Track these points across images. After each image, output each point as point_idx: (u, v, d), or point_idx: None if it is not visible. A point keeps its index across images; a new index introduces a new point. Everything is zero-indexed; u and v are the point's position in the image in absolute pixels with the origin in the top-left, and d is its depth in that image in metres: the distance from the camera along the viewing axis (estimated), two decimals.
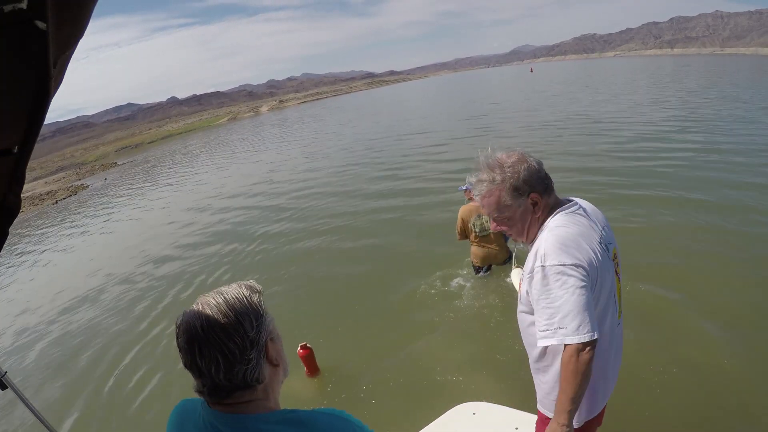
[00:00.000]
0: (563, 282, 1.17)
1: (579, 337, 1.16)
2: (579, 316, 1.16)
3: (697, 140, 8.41)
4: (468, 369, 3.17)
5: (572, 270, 1.18)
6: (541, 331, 1.23)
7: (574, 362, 1.18)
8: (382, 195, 8.28)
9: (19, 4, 0.37)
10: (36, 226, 14.18)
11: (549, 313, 1.20)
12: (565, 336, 1.17)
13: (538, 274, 1.22)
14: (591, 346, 1.17)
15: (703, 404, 2.52)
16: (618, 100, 16.52)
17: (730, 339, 2.98)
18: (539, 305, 1.23)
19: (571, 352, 1.18)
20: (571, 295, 1.16)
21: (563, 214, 1.30)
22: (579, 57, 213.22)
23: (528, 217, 1.32)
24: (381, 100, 46.64)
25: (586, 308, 1.16)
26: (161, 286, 6.08)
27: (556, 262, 1.19)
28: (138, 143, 52.76)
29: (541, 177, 1.31)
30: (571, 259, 1.19)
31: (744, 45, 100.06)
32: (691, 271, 3.87)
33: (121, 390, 3.92)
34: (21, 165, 0.68)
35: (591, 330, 1.16)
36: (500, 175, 1.30)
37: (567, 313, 1.17)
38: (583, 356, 1.17)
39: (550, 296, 1.19)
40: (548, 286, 1.19)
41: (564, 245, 1.21)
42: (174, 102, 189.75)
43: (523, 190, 1.29)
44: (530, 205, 1.31)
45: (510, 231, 1.38)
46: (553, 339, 1.20)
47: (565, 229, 1.26)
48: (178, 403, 0.90)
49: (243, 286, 0.82)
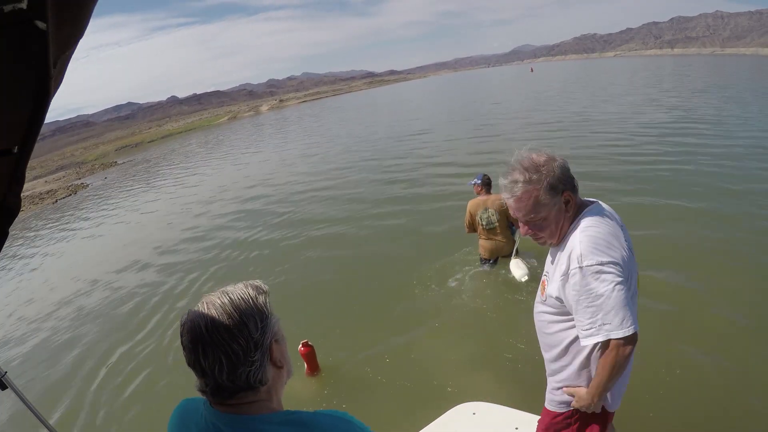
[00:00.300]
0: (602, 280, 1.21)
1: (623, 331, 1.20)
2: (621, 311, 1.20)
3: (699, 143, 8.32)
4: (468, 369, 3.17)
5: (610, 267, 1.21)
6: (584, 330, 1.27)
7: (614, 355, 1.24)
8: (381, 195, 8.28)
9: (19, 4, 0.36)
10: (35, 226, 14.17)
11: (592, 312, 1.24)
12: (609, 332, 1.22)
13: (576, 276, 1.25)
14: (633, 340, 1.22)
15: (706, 405, 2.52)
16: (619, 101, 16.51)
17: (733, 340, 2.98)
18: (580, 305, 1.26)
19: (615, 346, 1.23)
20: (611, 292, 1.20)
21: (592, 214, 1.33)
22: (579, 57, 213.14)
23: (561, 216, 1.34)
24: (381, 100, 46.61)
25: (627, 303, 1.21)
26: (161, 285, 6.08)
27: (594, 262, 1.22)
28: (138, 142, 52.74)
29: (571, 176, 1.35)
30: (607, 257, 1.22)
31: (744, 45, 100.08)
32: (696, 272, 3.85)
33: (122, 390, 3.91)
34: (21, 165, 0.67)
35: (633, 323, 1.21)
36: (536, 174, 1.30)
37: (610, 310, 1.21)
38: (626, 350, 1.23)
39: (591, 295, 1.23)
40: (588, 285, 1.23)
41: (598, 244, 1.25)
42: (174, 101, 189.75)
43: (558, 188, 1.31)
44: (563, 203, 1.33)
45: (542, 233, 1.37)
46: (598, 336, 1.24)
47: (597, 228, 1.28)
48: (180, 403, 0.89)
49: (249, 287, 0.81)
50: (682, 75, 27.51)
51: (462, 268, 4.59)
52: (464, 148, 11.21)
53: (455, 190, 7.39)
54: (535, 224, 1.36)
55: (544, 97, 22.24)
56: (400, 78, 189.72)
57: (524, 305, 3.84)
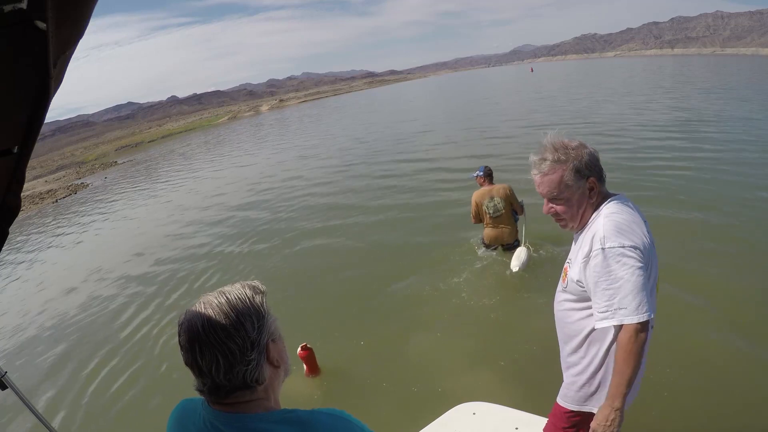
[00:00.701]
0: (623, 263, 1.22)
1: (639, 316, 1.20)
2: (639, 295, 1.20)
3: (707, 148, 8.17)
4: (468, 369, 3.17)
5: (631, 251, 1.23)
6: (600, 312, 1.27)
7: (631, 342, 1.22)
8: (379, 198, 8.27)
9: (19, 4, 0.37)
10: (35, 225, 14.17)
11: (609, 294, 1.24)
12: (624, 316, 1.22)
13: (598, 257, 1.26)
14: (648, 326, 1.22)
15: (710, 405, 2.52)
16: (619, 101, 16.51)
17: (740, 342, 2.96)
18: (599, 287, 1.27)
19: (630, 332, 1.22)
20: (631, 275, 1.21)
21: (616, 202, 1.35)
22: (579, 57, 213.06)
23: (584, 201, 1.37)
24: (381, 100, 46.60)
25: (644, 288, 1.21)
26: (161, 284, 6.08)
27: (616, 244, 1.24)
28: (138, 142, 52.73)
29: (599, 165, 1.37)
30: (629, 241, 1.24)
31: (744, 45, 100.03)
32: (702, 274, 3.83)
33: (122, 390, 3.92)
34: (21, 165, 0.67)
35: (649, 309, 1.21)
36: (565, 155, 1.34)
37: (627, 293, 1.21)
38: (641, 336, 1.22)
39: (610, 277, 1.24)
40: (609, 267, 1.24)
41: (622, 229, 1.27)
42: (174, 101, 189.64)
43: (584, 173, 1.34)
44: (587, 189, 1.35)
45: (564, 214, 1.40)
46: (613, 320, 1.24)
47: (621, 215, 1.31)
48: (179, 403, 0.90)
49: (246, 287, 0.82)
50: (682, 75, 27.50)
51: (461, 268, 4.59)
52: (464, 150, 11.21)
53: (454, 191, 7.39)
54: (558, 202, 1.39)
55: (544, 97, 22.23)
56: (401, 78, 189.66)
57: (524, 305, 3.85)
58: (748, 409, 2.44)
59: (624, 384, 1.26)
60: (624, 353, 1.24)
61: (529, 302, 3.85)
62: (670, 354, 2.86)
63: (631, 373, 1.25)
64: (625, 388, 1.27)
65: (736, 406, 2.48)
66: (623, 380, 1.26)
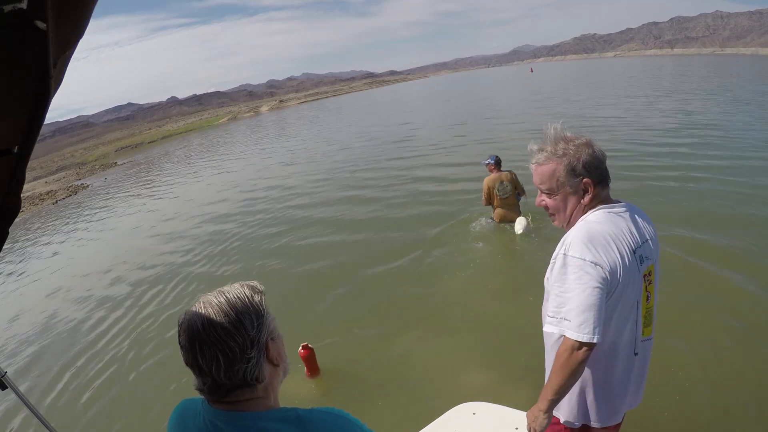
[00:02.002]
0: (579, 277, 1.18)
1: (578, 334, 1.16)
2: (584, 314, 1.16)
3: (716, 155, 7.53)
4: (468, 369, 3.17)
5: (591, 268, 1.18)
6: (549, 316, 1.25)
7: (566, 357, 1.19)
8: (379, 199, 8.27)
9: (19, 4, 0.36)
10: (35, 226, 14.16)
11: (559, 302, 1.22)
12: (566, 329, 1.19)
13: (560, 261, 1.23)
14: (588, 348, 1.17)
15: (715, 407, 2.51)
16: (620, 103, 16.51)
17: (748, 344, 2.95)
18: (553, 291, 1.24)
19: (567, 346, 1.19)
20: (582, 292, 1.17)
21: (605, 210, 1.29)
22: (579, 57, 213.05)
23: (575, 201, 1.31)
24: (380, 101, 46.59)
25: (593, 309, 1.16)
26: (160, 285, 6.08)
27: (578, 255, 1.19)
28: (138, 143, 52.68)
29: (600, 167, 1.29)
30: (592, 256, 1.18)
31: (744, 45, 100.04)
32: (710, 275, 3.82)
33: (122, 390, 3.92)
34: (21, 165, 0.67)
35: (591, 332, 1.15)
36: (563, 150, 1.29)
37: (574, 307, 1.17)
38: (577, 354, 1.18)
39: (563, 286, 1.21)
40: (565, 275, 1.21)
41: (591, 241, 1.20)
42: (174, 102, 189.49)
43: (579, 172, 1.27)
44: (581, 189, 1.29)
45: (553, 209, 1.36)
46: (555, 328, 1.22)
47: (600, 225, 1.25)
48: (179, 403, 0.90)
49: (245, 286, 0.83)
50: (683, 75, 27.49)
51: (460, 268, 4.59)
52: (457, 152, 11.22)
53: (452, 193, 7.40)
54: (548, 197, 1.34)
55: (543, 98, 22.23)
56: (400, 78, 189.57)
57: (523, 305, 3.84)
58: (758, 413, 2.42)
59: (552, 392, 1.25)
60: (557, 365, 1.22)
61: (528, 303, 3.85)
62: (682, 356, 2.86)
63: (561, 384, 1.23)
64: (552, 395, 1.26)
65: (739, 408, 2.48)
66: (552, 388, 1.25)
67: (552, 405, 1.29)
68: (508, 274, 4.60)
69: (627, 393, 1.37)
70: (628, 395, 1.38)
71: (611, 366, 1.31)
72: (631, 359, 1.33)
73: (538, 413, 1.31)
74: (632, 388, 1.38)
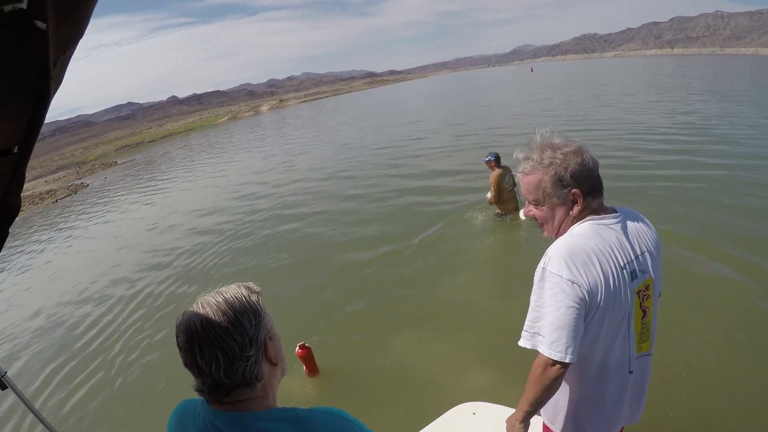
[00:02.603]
0: (554, 293, 1.14)
1: (550, 352, 1.14)
2: (557, 332, 1.14)
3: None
4: (468, 369, 3.17)
5: (567, 286, 1.13)
6: (525, 330, 1.23)
7: (540, 372, 1.18)
8: (379, 199, 8.27)
9: (19, 4, 0.36)
10: (35, 225, 14.16)
11: (534, 316, 1.20)
12: (539, 344, 1.17)
13: (539, 274, 1.20)
14: (561, 366, 1.15)
15: (722, 409, 2.51)
16: (620, 104, 16.50)
17: (758, 346, 2.93)
18: (531, 303, 1.22)
19: (541, 362, 1.18)
20: (556, 310, 1.14)
21: (592, 222, 1.22)
22: (579, 57, 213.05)
23: (563, 213, 1.24)
24: (380, 101, 46.58)
25: (567, 328, 1.13)
26: (161, 283, 6.08)
27: (555, 271, 1.15)
28: (138, 142, 52.68)
29: (590, 177, 1.21)
30: (570, 274, 1.13)
31: (744, 45, 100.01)
32: (718, 278, 3.78)
33: (122, 390, 3.92)
34: (21, 165, 0.67)
35: (563, 351, 1.13)
36: (549, 159, 1.21)
37: (547, 324, 1.15)
38: (550, 371, 1.16)
39: (540, 300, 1.18)
40: (543, 289, 1.18)
41: (571, 257, 1.15)
42: (174, 101, 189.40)
43: (566, 182, 1.20)
44: (569, 201, 1.22)
45: (541, 220, 1.29)
46: (528, 342, 1.21)
47: (584, 239, 1.18)
48: (179, 404, 0.90)
49: (242, 287, 0.84)
50: (684, 76, 27.48)
51: (460, 267, 4.59)
52: (455, 155, 11.21)
53: (449, 195, 7.39)
54: (536, 206, 1.28)
55: (543, 99, 22.22)
56: (400, 78, 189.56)
57: (524, 304, 3.83)
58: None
59: (527, 403, 1.25)
60: (532, 378, 1.21)
61: (527, 302, 3.85)
62: (690, 358, 2.86)
63: (535, 398, 1.22)
64: (527, 407, 1.25)
65: (743, 411, 2.48)
66: (527, 401, 1.24)
67: (528, 416, 1.28)
68: (508, 272, 4.60)
69: (621, 411, 1.34)
70: (622, 413, 1.34)
71: (603, 384, 1.28)
72: (625, 377, 1.29)
73: (515, 422, 1.31)
74: (628, 406, 1.35)
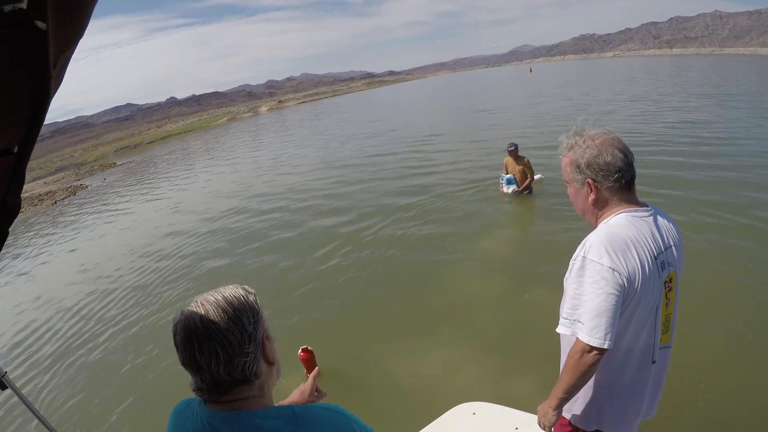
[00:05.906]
0: (595, 281, 1.18)
1: (590, 338, 1.17)
2: (597, 319, 1.16)
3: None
4: (468, 369, 3.17)
5: (608, 273, 1.16)
6: (563, 317, 1.26)
7: (577, 359, 1.21)
8: (379, 199, 8.27)
9: (19, 4, 0.37)
10: (34, 226, 14.14)
11: (574, 304, 1.22)
12: (579, 331, 1.20)
13: (578, 263, 1.23)
14: (598, 352, 1.18)
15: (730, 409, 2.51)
16: (620, 105, 16.51)
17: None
18: (568, 293, 1.25)
19: (579, 348, 1.21)
20: (597, 297, 1.17)
21: (627, 214, 1.26)
22: (578, 57, 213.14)
23: (583, 197, 1.31)
24: (379, 101, 46.59)
25: (606, 315, 1.16)
26: (161, 284, 6.08)
27: (596, 259, 1.19)
28: (137, 143, 52.60)
29: (609, 170, 1.24)
30: (610, 261, 1.17)
31: (743, 45, 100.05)
32: (726, 281, 3.75)
33: (122, 390, 3.92)
34: (21, 165, 0.68)
35: (603, 337, 1.16)
36: (573, 146, 1.30)
37: (588, 311, 1.18)
38: (587, 357, 1.19)
39: (580, 288, 1.21)
40: (583, 277, 1.21)
41: (611, 245, 1.19)
42: (173, 102, 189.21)
43: (582, 170, 1.28)
44: (587, 187, 1.29)
45: (572, 200, 1.38)
46: (568, 329, 1.23)
47: (622, 229, 1.22)
48: (177, 404, 0.90)
49: (239, 287, 0.85)
50: (683, 75, 27.52)
51: (459, 269, 4.59)
52: (453, 156, 11.22)
53: (448, 195, 7.39)
54: (569, 186, 1.36)
55: (543, 99, 22.23)
56: (399, 78, 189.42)
57: (523, 305, 3.85)
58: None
59: (561, 390, 1.28)
60: (568, 365, 1.24)
61: (527, 303, 3.85)
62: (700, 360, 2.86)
63: (571, 384, 1.25)
64: (561, 393, 1.28)
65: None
66: (562, 387, 1.28)
67: (561, 403, 1.31)
68: (510, 272, 4.60)
69: (643, 401, 1.36)
70: (644, 404, 1.37)
71: (627, 372, 1.31)
72: (648, 367, 1.32)
73: (548, 409, 1.34)
74: (648, 397, 1.37)
